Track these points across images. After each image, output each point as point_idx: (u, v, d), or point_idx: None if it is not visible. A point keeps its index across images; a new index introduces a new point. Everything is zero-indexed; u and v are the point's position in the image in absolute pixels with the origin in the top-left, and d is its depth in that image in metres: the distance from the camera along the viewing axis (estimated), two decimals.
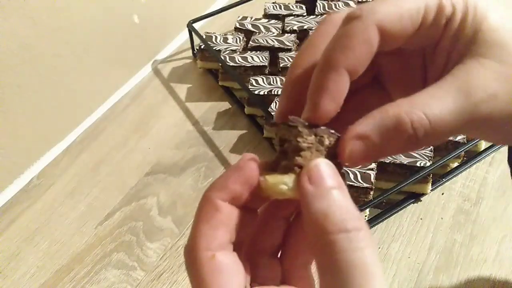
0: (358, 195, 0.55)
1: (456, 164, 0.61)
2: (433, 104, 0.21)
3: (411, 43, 0.23)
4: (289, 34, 0.74)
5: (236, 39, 0.74)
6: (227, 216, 0.22)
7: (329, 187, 0.21)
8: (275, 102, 0.63)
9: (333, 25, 0.23)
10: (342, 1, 0.79)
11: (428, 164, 0.56)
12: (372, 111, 0.22)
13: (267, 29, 0.75)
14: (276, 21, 0.77)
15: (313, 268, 0.22)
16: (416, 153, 0.57)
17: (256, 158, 0.23)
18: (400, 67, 0.26)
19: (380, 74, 0.26)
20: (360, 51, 0.22)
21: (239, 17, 0.78)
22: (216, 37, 0.74)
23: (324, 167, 0.22)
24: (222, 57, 0.70)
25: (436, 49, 0.23)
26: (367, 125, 0.22)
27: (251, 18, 0.77)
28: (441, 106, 0.21)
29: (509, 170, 0.33)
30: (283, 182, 0.22)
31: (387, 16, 0.21)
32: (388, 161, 0.57)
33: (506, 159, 0.31)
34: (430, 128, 0.21)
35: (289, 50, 0.71)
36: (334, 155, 0.23)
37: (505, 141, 0.26)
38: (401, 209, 0.58)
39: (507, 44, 0.21)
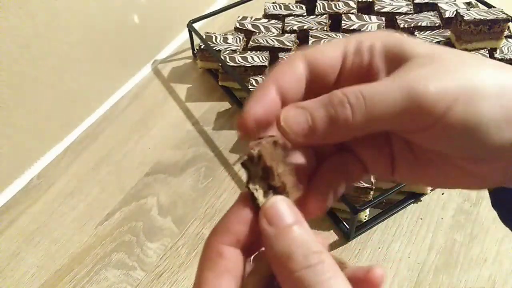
0: (358, 195, 0.55)
1: None
2: (370, 85, 0.22)
3: (346, 73, 0.25)
4: (289, 34, 0.74)
5: (236, 39, 0.74)
6: (231, 262, 0.22)
7: (288, 225, 0.21)
8: None
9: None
10: (342, 1, 0.79)
11: None
12: None
13: (267, 29, 0.75)
14: (276, 21, 0.77)
15: None
16: None
17: (246, 196, 0.23)
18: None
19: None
20: (285, 72, 0.24)
21: (239, 17, 0.78)
22: (216, 37, 0.74)
23: (280, 205, 0.22)
24: (222, 57, 0.70)
25: (372, 74, 0.24)
26: (307, 101, 0.23)
27: (251, 18, 0.77)
28: (377, 85, 0.22)
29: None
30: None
31: (310, 51, 0.25)
32: None
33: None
34: (365, 105, 0.22)
35: (289, 50, 0.71)
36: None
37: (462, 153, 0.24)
38: (401, 209, 0.58)
39: (434, 53, 0.23)
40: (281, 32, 0.75)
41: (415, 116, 0.22)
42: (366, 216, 0.57)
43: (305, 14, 0.78)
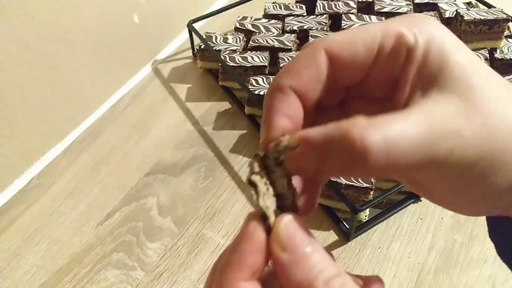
0: (358, 195, 0.55)
1: None
2: (393, 126, 0.19)
3: (374, 74, 0.22)
4: (289, 34, 0.74)
5: (236, 39, 0.74)
6: None
7: (305, 251, 0.20)
8: None
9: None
10: (342, 1, 0.79)
11: None
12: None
13: (267, 29, 0.75)
14: (276, 21, 0.77)
15: None
16: None
17: (256, 217, 0.21)
18: (367, 104, 0.24)
19: (348, 108, 0.25)
20: (305, 72, 0.21)
21: (239, 17, 0.78)
22: (216, 37, 0.74)
23: (293, 228, 0.20)
24: (222, 57, 0.70)
25: (400, 82, 0.22)
26: (315, 130, 0.20)
27: (251, 18, 0.77)
28: (402, 130, 0.18)
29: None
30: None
31: (337, 42, 0.21)
32: None
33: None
34: (384, 151, 0.18)
35: (289, 50, 0.71)
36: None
37: (469, 201, 0.22)
38: (401, 209, 0.58)
39: (473, 83, 0.20)
40: (281, 32, 0.75)
41: (431, 170, 0.20)
42: (366, 216, 0.57)
43: (305, 14, 0.78)
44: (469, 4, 0.79)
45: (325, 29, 0.75)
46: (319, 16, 0.77)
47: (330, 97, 0.23)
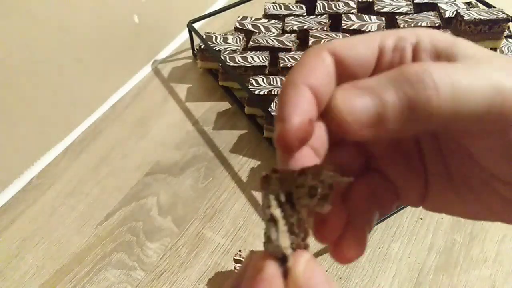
0: None
1: None
2: (454, 65, 0.18)
3: (382, 65, 0.21)
4: (289, 34, 0.74)
5: (236, 39, 0.74)
6: None
7: None
8: (275, 102, 0.63)
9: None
10: (342, 1, 0.79)
11: None
12: None
13: (267, 29, 0.75)
14: (276, 21, 0.77)
15: None
16: None
17: (270, 257, 0.19)
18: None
19: (373, 158, 0.24)
20: (316, 70, 0.20)
21: (239, 17, 0.78)
22: (216, 37, 0.74)
23: (310, 270, 0.18)
24: (222, 57, 0.70)
25: None
26: (367, 79, 0.18)
27: (251, 18, 0.77)
28: (462, 66, 0.18)
29: None
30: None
31: (338, 43, 0.21)
32: None
33: None
34: (452, 86, 0.17)
35: (289, 50, 0.71)
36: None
37: None
38: (401, 209, 0.58)
39: (489, 53, 0.20)
40: (281, 32, 0.75)
41: (497, 114, 0.18)
42: None
43: (305, 14, 0.78)
44: (469, 4, 0.79)
45: (325, 29, 0.75)
46: (319, 16, 0.77)
47: None
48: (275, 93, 0.64)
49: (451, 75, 0.17)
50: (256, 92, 0.65)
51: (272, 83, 0.66)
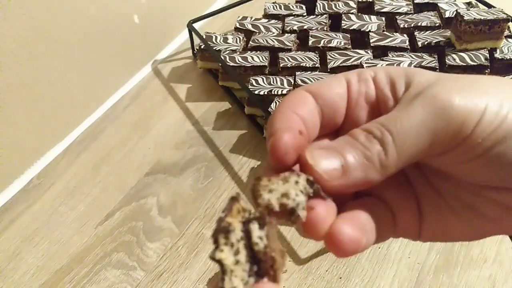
0: None
1: None
2: (387, 115, 0.21)
3: (354, 102, 0.24)
4: (289, 34, 0.74)
5: (236, 39, 0.74)
6: None
7: None
8: (275, 102, 0.63)
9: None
10: (342, 1, 0.79)
11: None
12: None
13: (267, 29, 0.75)
14: (276, 21, 0.77)
15: None
16: None
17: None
18: None
19: None
20: (299, 103, 0.23)
21: (239, 17, 0.78)
22: (216, 37, 0.74)
23: None
24: (222, 57, 0.70)
25: (380, 102, 0.23)
26: (328, 142, 0.22)
27: (251, 18, 0.77)
28: (396, 112, 0.20)
29: None
30: None
31: (313, 84, 0.24)
32: None
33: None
34: (392, 137, 0.20)
35: (289, 50, 0.71)
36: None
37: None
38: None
39: (441, 75, 0.22)
40: (281, 32, 0.75)
41: (446, 131, 0.20)
42: None
43: (305, 14, 0.78)
44: (469, 4, 0.79)
45: (325, 29, 0.75)
46: (319, 16, 0.77)
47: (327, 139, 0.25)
48: (275, 93, 0.64)
49: (384, 123, 0.20)
50: (256, 92, 0.65)
51: (272, 83, 0.66)
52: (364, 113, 0.24)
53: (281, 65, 0.68)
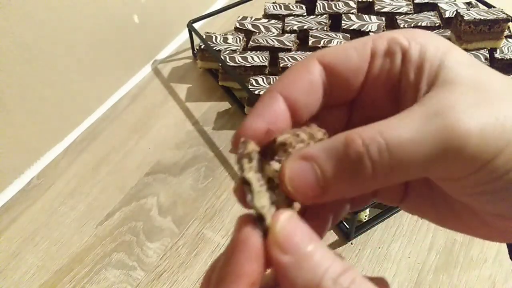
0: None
1: None
2: (393, 125, 0.18)
3: (373, 82, 0.21)
4: (289, 34, 0.74)
5: (236, 39, 0.74)
6: None
7: (307, 250, 0.18)
8: None
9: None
10: (342, 1, 0.79)
11: None
12: None
13: (267, 29, 0.75)
14: (276, 21, 0.77)
15: None
16: None
17: (248, 220, 0.19)
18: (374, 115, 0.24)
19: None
20: (297, 80, 0.21)
21: (239, 17, 0.78)
22: (216, 37, 0.74)
23: (290, 227, 0.18)
24: (222, 57, 0.70)
25: (401, 90, 0.21)
26: (316, 146, 0.19)
27: (251, 18, 0.77)
28: (403, 126, 0.18)
29: None
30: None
31: (329, 50, 0.21)
32: None
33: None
34: (389, 157, 0.18)
35: (289, 50, 0.71)
36: None
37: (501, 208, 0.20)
38: (401, 209, 0.58)
39: (476, 76, 0.19)
40: (281, 32, 0.75)
41: (452, 163, 0.18)
42: (366, 216, 0.57)
43: (305, 14, 0.78)
44: (469, 4, 0.79)
45: (325, 29, 0.75)
46: (319, 16, 0.77)
47: (333, 116, 0.23)
48: None
49: (388, 139, 0.18)
50: (256, 92, 0.65)
51: (272, 83, 0.66)
52: (381, 93, 0.22)
53: (281, 65, 0.68)
